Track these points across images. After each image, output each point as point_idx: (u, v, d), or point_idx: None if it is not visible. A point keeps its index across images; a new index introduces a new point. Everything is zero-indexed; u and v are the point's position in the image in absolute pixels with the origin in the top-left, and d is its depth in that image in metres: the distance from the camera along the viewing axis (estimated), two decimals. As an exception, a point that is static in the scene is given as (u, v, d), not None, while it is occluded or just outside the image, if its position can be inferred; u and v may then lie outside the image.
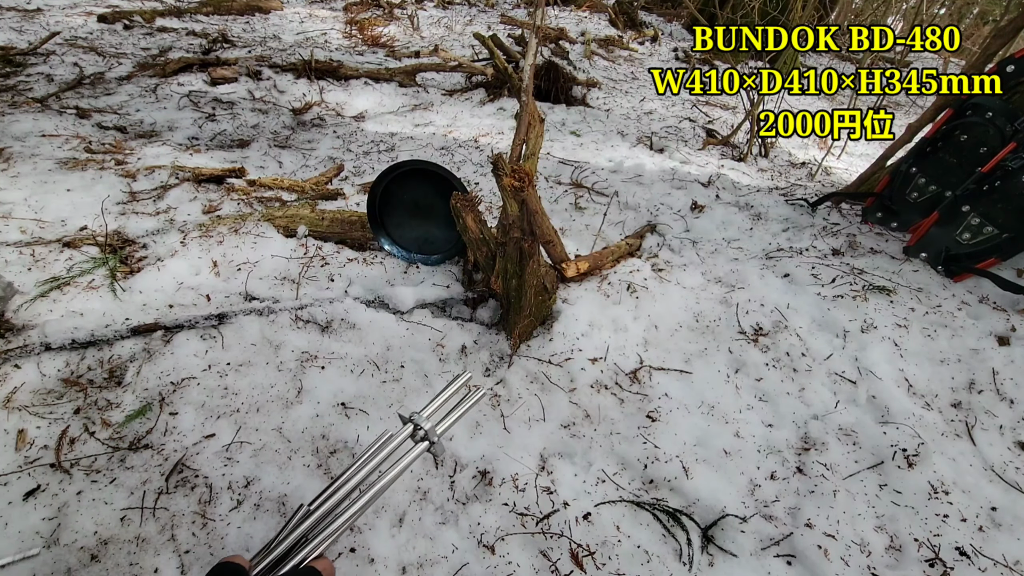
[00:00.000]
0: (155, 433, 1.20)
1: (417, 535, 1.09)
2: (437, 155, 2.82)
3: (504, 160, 1.34)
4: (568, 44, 5.13)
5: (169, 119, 2.89)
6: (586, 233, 2.15)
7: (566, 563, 1.07)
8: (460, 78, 4.08)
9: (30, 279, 1.54)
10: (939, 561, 1.10)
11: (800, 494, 1.22)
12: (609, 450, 1.30)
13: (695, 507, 1.19)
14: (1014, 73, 1.88)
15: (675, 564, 1.08)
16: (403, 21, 5.61)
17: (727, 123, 3.88)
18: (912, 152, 2.12)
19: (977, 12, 8.81)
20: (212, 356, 1.40)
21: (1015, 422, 1.38)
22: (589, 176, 2.64)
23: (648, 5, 7.35)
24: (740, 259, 1.98)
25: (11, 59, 3.31)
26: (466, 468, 1.22)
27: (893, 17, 5.96)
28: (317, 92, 3.48)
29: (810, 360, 1.53)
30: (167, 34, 4.38)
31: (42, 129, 2.46)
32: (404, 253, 1.87)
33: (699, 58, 5.50)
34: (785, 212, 2.38)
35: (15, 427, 1.17)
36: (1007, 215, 1.74)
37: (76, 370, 1.33)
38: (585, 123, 3.49)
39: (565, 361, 1.49)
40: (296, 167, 2.63)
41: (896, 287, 1.77)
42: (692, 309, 1.70)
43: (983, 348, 1.55)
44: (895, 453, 1.28)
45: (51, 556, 0.98)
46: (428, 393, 1.38)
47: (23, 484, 1.08)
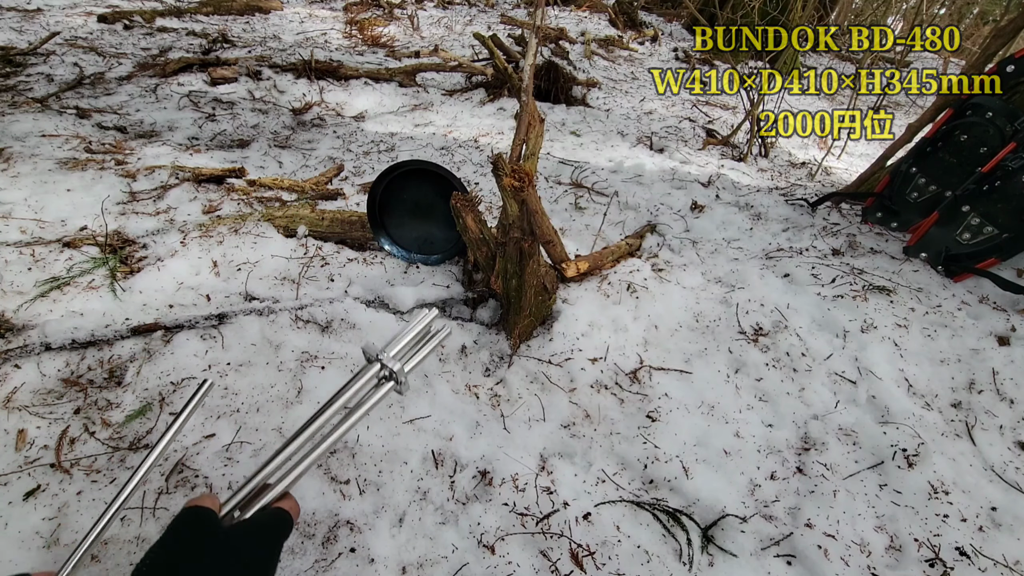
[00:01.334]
0: (155, 433, 1.20)
1: (417, 535, 1.09)
2: (437, 155, 2.82)
3: (504, 160, 1.34)
4: (568, 44, 5.13)
5: (169, 119, 2.89)
6: (586, 233, 2.15)
7: (566, 563, 1.07)
8: (460, 78, 4.08)
9: (30, 279, 1.54)
10: (939, 561, 1.10)
11: (800, 494, 1.22)
12: (609, 450, 1.30)
13: (695, 507, 1.19)
14: (1014, 73, 1.88)
15: (675, 564, 1.08)
16: (403, 21, 5.62)
17: (727, 123, 3.88)
18: (912, 152, 2.12)
19: (977, 12, 8.81)
20: (212, 356, 1.40)
21: (1015, 422, 1.38)
22: (589, 176, 2.64)
23: (648, 5, 7.35)
24: (740, 259, 1.98)
25: (11, 59, 3.31)
26: (466, 468, 1.22)
27: (893, 17, 5.96)
28: (317, 92, 3.48)
29: (810, 360, 1.53)
30: (167, 34, 4.38)
31: (42, 129, 2.46)
32: (404, 253, 1.86)
33: (699, 58, 5.50)
34: (785, 212, 2.38)
35: (15, 427, 1.17)
36: (1007, 215, 1.74)
37: (76, 370, 1.33)
38: (585, 123, 3.49)
39: (565, 361, 1.49)
40: (296, 167, 2.63)
41: (896, 287, 1.77)
42: (692, 309, 1.70)
43: (983, 348, 1.55)
44: (895, 453, 1.28)
45: (51, 556, 0.98)
46: (428, 392, 1.38)
47: (23, 484, 1.08)
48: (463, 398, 1.39)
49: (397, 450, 1.23)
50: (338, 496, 1.13)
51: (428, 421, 1.31)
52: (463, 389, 1.41)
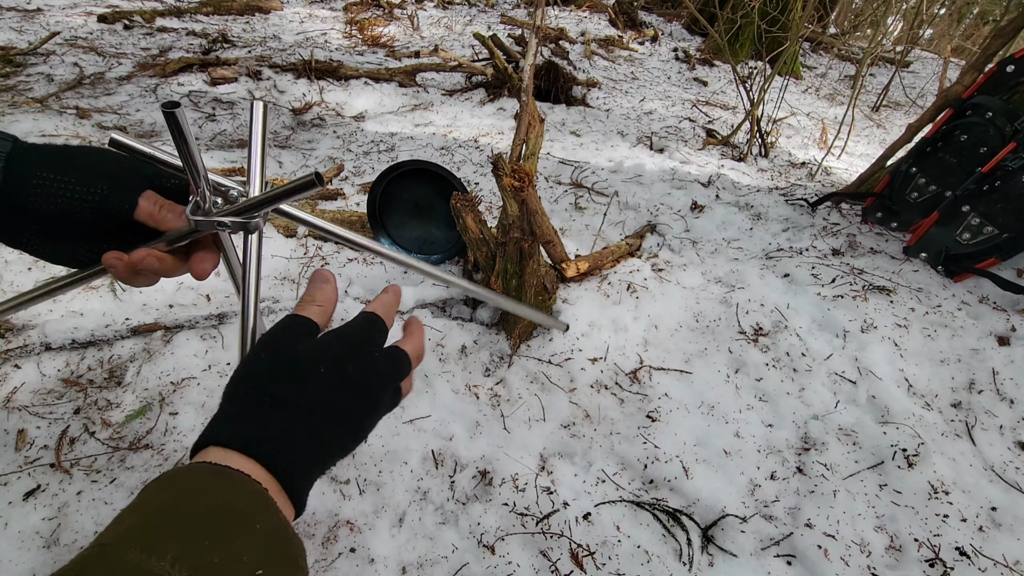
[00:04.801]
0: (155, 433, 1.20)
1: (417, 535, 1.09)
2: (437, 155, 2.82)
3: (504, 160, 1.34)
4: (568, 44, 5.13)
5: (169, 119, 2.89)
6: (586, 233, 2.15)
7: (566, 563, 1.07)
8: (460, 78, 4.08)
9: (30, 279, 1.54)
10: (939, 561, 1.10)
11: (800, 494, 1.22)
12: (609, 450, 1.30)
13: (695, 507, 1.19)
14: (1014, 73, 1.88)
15: (675, 564, 1.08)
16: (403, 21, 5.61)
17: (727, 123, 3.88)
18: (912, 152, 2.12)
19: (977, 12, 8.81)
20: (212, 356, 1.40)
21: (1015, 422, 1.38)
22: (589, 176, 2.64)
23: (648, 5, 7.35)
24: (740, 259, 1.98)
25: (11, 59, 3.31)
26: (466, 468, 1.22)
27: (893, 17, 5.96)
28: (317, 92, 3.48)
29: (810, 360, 1.53)
30: (167, 34, 4.38)
31: (42, 129, 2.45)
32: (404, 253, 1.86)
33: (699, 58, 5.50)
34: (785, 212, 2.38)
35: (15, 427, 1.17)
36: (1007, 215, 1.74)
37: (76, 370, 1.33)
38: (585, 123, 3.49)
39: (565, 361, 1.49)
40: (296, 167, 2.63)
41: (896, 287, 1.78)
42: (692, 309, 1.70)
43: (983, 348, 1.55)
44: (895, 453, 1.28)
45: (51, 556, 0.98)
46: (428, 392, 1.38)
47: (23, 484, 1.08)
48: (463, 398, 1.39)
49: (397, 450, 1.23)
50: (338, 496, 1.13)
51: (428, 421, 1.31)
52: (463, 389, 1.41)
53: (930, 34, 9.02)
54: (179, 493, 0.36)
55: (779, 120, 3.36)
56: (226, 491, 0.36)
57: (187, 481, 0.37)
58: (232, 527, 0.34)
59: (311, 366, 0.47)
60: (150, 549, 0.30)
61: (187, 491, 0.36)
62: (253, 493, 0.37)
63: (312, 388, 0.46)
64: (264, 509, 0.37)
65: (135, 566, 0.29)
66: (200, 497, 0.35)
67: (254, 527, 0.35)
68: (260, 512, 0.36)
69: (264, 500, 0.37)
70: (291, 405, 0.44)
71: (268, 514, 0.37)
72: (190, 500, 0.35)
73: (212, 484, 0.37)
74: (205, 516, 0.34)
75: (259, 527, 0.35)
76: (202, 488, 0.36)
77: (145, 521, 0.33)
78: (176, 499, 0.35)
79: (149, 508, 0.35)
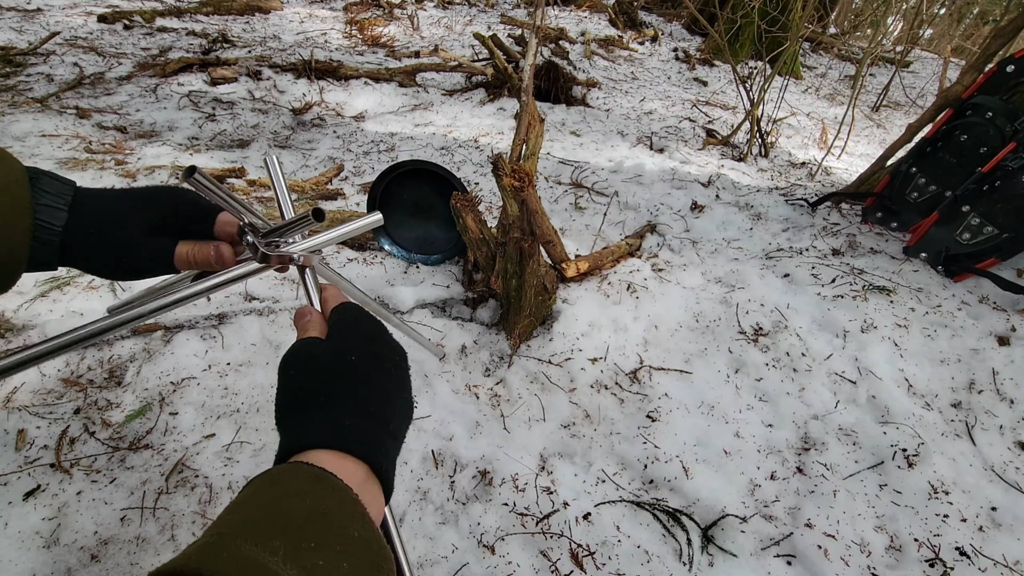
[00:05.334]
0: (155, 433, 1.20)
1: (417, 535, 1.09)
2: (437, 155, 2.82)
3: (504, 160, 1.34)
4: (568, 44, 5.13)
5: (169, 119, 2.89)
6: (586, 233, 2.15)
7: (566, 563, 1.07)
8: (460, 78, 4.08)
9: (30, 279, 1.54)
10: (939, 561, 1.10)
11: (800, 494, 1.22)
12: (609, 450, 1.30)
13: (695, 507, 1.19)
14: (1014, 73, 1.88)
15: (675, 564, 1.08)
16: (403, 21, 5.61)
17: (727, 123, 3.88)
18: (912, 152, 2.12)
19: (977, 12, 8.80)
20: (212, 356, 1.40)
21: (1015, 422, 1.38)
22: (589, 176, 2.64)
23: (648, 5, 7.35)
24: (740, 259, 1.98)
25: (11, 59, 3.31)
26: (466, 468, 1.22)
27: (893, 17, 5.96)
28: (317, 92, 3.48)
29: (810, 360, 1.53)
30: (167, 34, 4.38)
31: (42, 129, 2.45)
32: (404, 253, 1.86)
33: (699, 58, 5.50)
34: (785, 212, 2.38)
35: (15, 427, 1.17)
36: (1007, 215, 1.74)
37: (76, 370, 1.33)
38: (585, 123, 3.49)
39: (565, 361, 1.49)
40: (296, 167, 2.63)
41: (896, 287, 1.77)
42: (692, 309, 1.70)
43: (983, 348, 1.55)
44: (895, 453, 1.28)
45: (51, 556, 0.98)
46: (428, 392, 1.38)
47: (23, 484, 1.08)
48: (463, 398, 1.39)
49: (397, 450, 1.23)
50: (338, 496, 1.13)
51: (428, 421, 1.31)
52: (463, 389, 1.41)
53: (930, 34, 9.03)
54: (281, 493, 0.37)
55: (779, 120, 3.36)
56: (326, 496, 0.38)
57: (289, 482, 0.38)
58: (333, 533, 0.35)
59: (343, 362, 0.50)
60: (263, 544, 0.32)
61: (289, 491, 0.37)
62: (348, 501, 0.39)
63: (361, 382, 0.49)
64: (360, 518, 0.39)
65: (251, 558, 0.30)
66: (301, 500, 0.36)
67: (352, 535, 0.36)
68: (356, 521, 0.38)
69: (359, 509, 0.39)
70: (350, 402, 0.47)
71: (364, 523, 0.38)
72: (292, 501, 0.36)
73: (312, 488, 0.38)
74: (308, 519, 0.35)
75: (356, 535, 0.37)
76: (302, 491, 0.37)
77: (254, 517, 0.35)
78: (278, 499, 0.36)
79: (256, 505, 0.36)
